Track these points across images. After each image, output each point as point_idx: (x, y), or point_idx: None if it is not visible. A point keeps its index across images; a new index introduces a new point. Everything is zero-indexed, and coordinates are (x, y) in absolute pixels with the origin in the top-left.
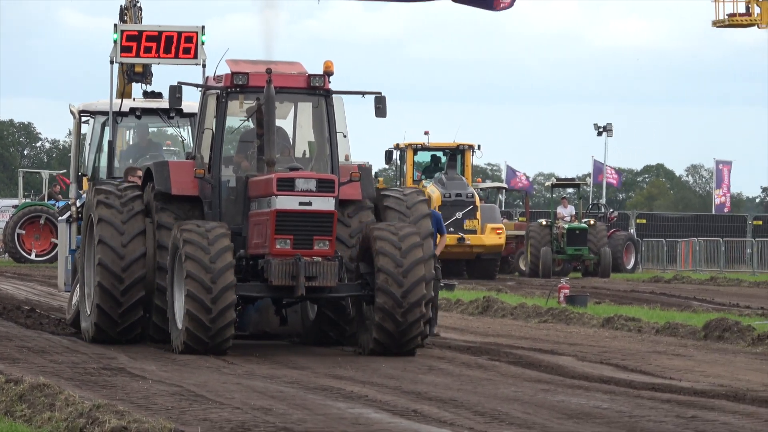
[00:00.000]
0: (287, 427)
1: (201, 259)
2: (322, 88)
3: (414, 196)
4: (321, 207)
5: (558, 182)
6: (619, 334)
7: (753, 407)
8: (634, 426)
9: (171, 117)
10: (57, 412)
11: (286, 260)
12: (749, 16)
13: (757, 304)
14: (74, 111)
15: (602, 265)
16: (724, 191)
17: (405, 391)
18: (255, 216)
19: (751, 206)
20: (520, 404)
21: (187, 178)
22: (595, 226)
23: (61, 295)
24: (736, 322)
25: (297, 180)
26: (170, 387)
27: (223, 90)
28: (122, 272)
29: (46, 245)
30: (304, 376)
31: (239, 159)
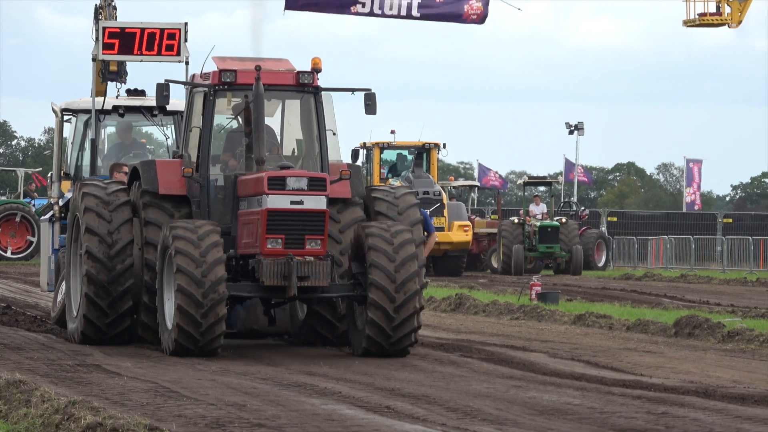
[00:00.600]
0: (261, 423)
1: (191, 254)
2: (311, 85)
3: (405, 197)
4: (313, 206)
5: (530, 180)
6: (590, 331)
7: (723, 404)
8: (605, 422)
9: (154, 115)
10: (33, 408)
11: (277, 260)
12: (720, 15)
13: (727, 302)
14: (56, 109)
15: (574, 263)
16: (695, 189)
17: (378, 388)
18: (245, 215)
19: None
20: (493, 400)
21: (174, 177)
22: (567, 223)
23: (36, 292)
24: (706, 319)
25: (288, 179)
26: (145, 383)
27: (210, 88)
28: (110, 284)
29: (21, 243)
30: (278, 373)
31: (227, 157)
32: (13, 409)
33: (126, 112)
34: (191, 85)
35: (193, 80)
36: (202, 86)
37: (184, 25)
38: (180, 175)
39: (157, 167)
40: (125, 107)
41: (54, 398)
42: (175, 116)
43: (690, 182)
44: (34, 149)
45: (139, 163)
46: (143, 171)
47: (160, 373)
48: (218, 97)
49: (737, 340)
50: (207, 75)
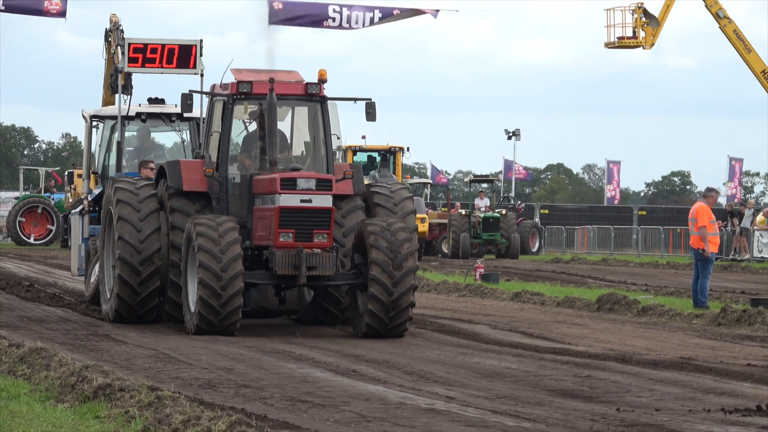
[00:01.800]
0: (246, 384)
1: (212, 250)
2: (318, 94)
3: (401, 193)
4: (320, 204)
5: (475, 178)
6: (525, 306)
7: (638, 368)
8: (539, 383)
9: (172, 121)
10: (52, 371)
11: (289, 252)
12: (636, 39)
13: (642, 282)
14: (86, 116)
15: (512, 248)
16: (614, 186)
17: (346, 354)
18: (259, 211)
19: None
20: (443, 365)
21: (196, 176)
22: (506, 215)
23: (55, 272)
24: (624, 296)
25: (299, 180)
26: (148, 350)
27: (229, 97)
28: (140, 265)
29: (42, 231)
30: (260, 342)
31: (243, 158)
32: (35, 372)
33: (147, 118)
34: (212, 94)
35: (213, 90)
36: (222, 95)
37: (200, 42)
38: (201, 174)
39: (181, 167)
40: (147, 114)
41: (70, 363)
42: (190, 122)
43: (610, 180)
44: (53, 151)
45: (165, 162)
46: (169, 170)
47: (161, 341)
48: (236, 105)
49: (650, 314)
50: (226, 86)
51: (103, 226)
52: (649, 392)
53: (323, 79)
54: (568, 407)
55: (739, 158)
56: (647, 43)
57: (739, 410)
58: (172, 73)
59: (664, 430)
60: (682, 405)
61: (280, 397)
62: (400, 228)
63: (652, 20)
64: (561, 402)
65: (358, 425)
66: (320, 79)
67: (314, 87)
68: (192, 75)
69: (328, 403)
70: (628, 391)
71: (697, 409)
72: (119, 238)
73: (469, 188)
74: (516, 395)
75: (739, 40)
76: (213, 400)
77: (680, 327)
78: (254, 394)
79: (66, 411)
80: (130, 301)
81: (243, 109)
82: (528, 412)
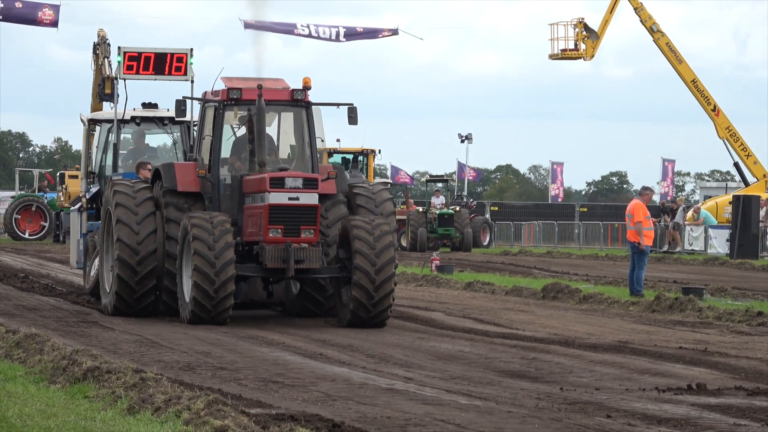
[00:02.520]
0: (223, 367)
1: (206, 239)
2: (303, 100)
3: (381, 194)
4: (307, 201)
5: (431, 178)
6: (477, 294)
7: (579, 351)
8: (489, 365)
9: (165, 124)
10: (45, 355)
11: (278, 246)
12: (577, 51)
13: (583, 272)
14: (84, 119)
15: (465, 242)
16: (558, 185)
17: (313, 339)
18: (249, 209)
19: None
20: (402, 349)
21: (190, 177)
22: (460, 212)
23: (48, 264)
24: (566, 285)
25: (287, 179)
26: (132, 336)
27: (220, 103)
28: (137, 265)
29: (36, 227)
30: (235, 328)
31: (233, 160)
32: (29, 356)
33: (141, 121)
34: (204, 100)
35: (205, 96)
36: (213, 101)
37: (190, 50)
38: (195, 176)
39: (175, 169)
40: (141, 117)
41: (62, 347)
42: (181, 125)
43: (554, 180)
44: (46, 154)
45: (160, 165)
46: (164, 172)
47: (144, 328)
48: (226, 111)
49: (590, 302)
50: (217, 92)
51: (102, 223)
52: (590, 373)
53: (308, 86)
54: (516, 387)
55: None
56: (588, 55)
57: (671, 389)
58: (164, 79)
59: (603, 407)
60: (619, 384)
61: (253, 379)
62: (382, 222)
63: (592, 34)
64: (509, 382)
65: (325, 404)
66: (305, 86)
67: (300, 93)
68: (183, 81)
69: (298, 384)
70: (570, 372)
71: (634, 388)
72: (118, 239)
73: (425, 187)
74: (468, 376)
75: (671, 52)
76: (192, 381)
77: (618, 313)
78: (230, 375)
79: (58, 391)
80: (128, 298)
81: (233, 114)
82: (479, 391)
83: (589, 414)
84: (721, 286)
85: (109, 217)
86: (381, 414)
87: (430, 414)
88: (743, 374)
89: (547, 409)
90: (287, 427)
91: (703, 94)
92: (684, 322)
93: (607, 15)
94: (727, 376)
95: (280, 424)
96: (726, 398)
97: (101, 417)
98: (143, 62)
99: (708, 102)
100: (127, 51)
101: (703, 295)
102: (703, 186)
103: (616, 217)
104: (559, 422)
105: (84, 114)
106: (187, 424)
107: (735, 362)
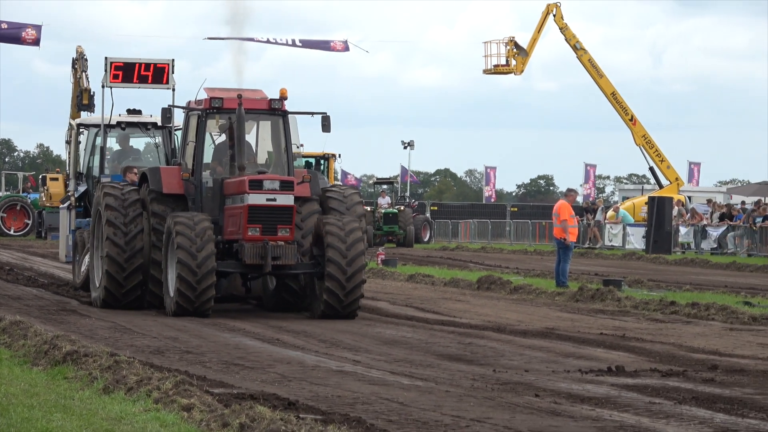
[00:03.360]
0: (189, 350)
1: (188, 234)
2: (280, 109)
3: (352, 197)
4: (283, 202)
5: (378, 181)
6: (418, 286)
7: (511, 336)
8: (429, 349)
9: (148, 129)
10: (29, 340)
11: (256, 244)
12: (509, 66)
13: (513, 266)
14: (73, 124)
15: (408, 238)
16: (491, 187)
17: (271, 326)
18: (230, 209)
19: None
20: (351, 335)
21: (174, 180)
22: (404, 211)
23: (32, 258)
24: (499, 277)
25: (264, 181)
26: (107, 323)
27: (203, 111)
28: (125, 263)
29: (21, 224)
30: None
31: (214, 165)
32: (14, 341)
33: (127, 126)
34: (188, 109)
35: (188, 105)
36: (197, 110)
37: (172, 61)
38: (178, 179)
39: (161, 173)
40: (126, 123)
41: (43, 333)
42: (163, 130)
43: (488, 182)
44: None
45: (147, 169)
46: (151, 175)
47: (118, 316)
48: (209, 118)
49: (520, 292)
50: (200, 101)
51: (92, 223)
52: (520, 356)
53: (284, 97)
54: (453, 369)
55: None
56: (518, 70)
57: (593, 371)
58: (148, 87)
59: (532, 387)
60: (546, 367)
61: (216, 361)
62: (351, 220)
63: (522, 51)
64: (447, 364)
65: (281, 384)
66: (281, 96)
67: (277, 102)
68: (165, 90)
69: (257, 366)
70: (502, 355)
71: (559, 370)
72: (107, 238)
73: (373, 189)
74: (410, 359)
75: (593, 68)
76: (161, 364)
77: (545, 303)
78: (195, 358)
79: (40, 373)
80: (116, 293)
81: (215, 122)
82: (420, 372)
83: (519, 393)
84: (638, 279)
85: (99, 217)
86: (332, 393)
87: (376, 393)
88: (657, 357)
89: (482, 389)
90: (247, 405)
91: (621, 105)
92: (604, 310)
93: (535, 34)
94: (643, 359)
95: (241, 402)
96: (642, 379)
97: (79, 396)
98: (127, 71)
99: (626, 112)
100: (113, 61)
101: (622, 287)
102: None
103: (543, 216)
104: (492, 401)
105: (73, 120)
106: (156, 403)
107: (650, 347)
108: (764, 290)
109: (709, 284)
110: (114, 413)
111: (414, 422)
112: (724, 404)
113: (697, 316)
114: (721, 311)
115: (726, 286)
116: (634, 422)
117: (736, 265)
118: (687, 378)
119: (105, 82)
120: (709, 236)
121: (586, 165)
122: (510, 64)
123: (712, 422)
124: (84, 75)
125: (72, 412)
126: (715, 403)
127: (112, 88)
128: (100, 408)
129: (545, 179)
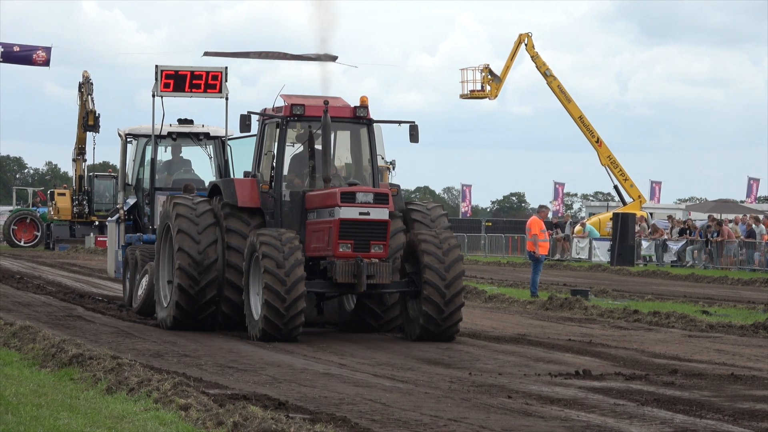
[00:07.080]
0: (186, 354)
1: (276, 257)
2: (365, 117)
3: (436, 209)
4: (377, 216)
5: None
6: None
7: (485, 342)
8: (410, 354)
9: (200, 139)
10: (37, 344)
11: (348, 261)
12: (483, 91)
13: (488, 276)
14: (122, 134)
15: None
16: (467, 203)
17: None
18: (314, 224)
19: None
20: (337, 340)
21: (249, 193)
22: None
23: (40, 267)
24: (474, 287)
25: (358, 193)
26: (110, 328)
27: (283, 119)
28: (199, 275)
29: (30, 236)
30: None
31: (292, 177)
32: (24, 345)
33: (177, 136)
34: (267, 116)
35: (265, 112)
36: (276, 117)
37: (225, 69)
38: (254, 191)
39: (235, 185)
40: (177, 133)
41: (51, 337)
42: (215, 140)
43: (464, 199)
44: (39, 175)
45: (219, 181)
46: (224, 187)
47: (120, 322)
48: (289, 127)
49: (495, 301)
50: (279, 108)
51: (159, 238)
52: (494, 360)
53: (365, 105)
54: (432, 372)
55: (561, 182)
56: (492, 95)
57: (562, 374)
58: (200, 97)
59: (505, 389)
60: (519, 370)
61: (212, 364)
62: (449, 236)
63: (496, 78)
64: (427, 368)
65: (272, 385)
66: (362, 104)
67: (362, 110)
68: (218, 98)
69: (249, 369)
70: (477, 359)
71: (531, 373)
72: (179, 249)
73: None
74: (393, 363)
75: (561, 93)
76: (161, 366)
77: (517, 311)
78: (192, 361)
79: (48, 374)
80: (189, 309)
81: (296, 130)
82: (401, 375)
83: (494, 395)
84: (604, 289)
85: (167, 230)
86: (319, 394)
87: (360, 394)
88: (622, 362)
89: (459, 390)
90: (240, 405)
91: (588, 128)
92: (572, 318)
93: (508, 62)
94: (609, 363)
95: (235, 402)
96: (607, 382)
97: (84, 396)
98: (179, 81)
99: (592, 134)
100: (164, 69)
101: (588, 296)
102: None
103: (516, 230)
104: (468, 402)
105: (122, 128)
106: (156, 402)
107: (615, 352)
108: (720, 300)
109: (670, 294)
110: (117, 412)
111: (395, 421)
112: (683, 406)
113: (658, 324)
114: (680, 319)
115: (685, 296)
116: (600, 422)
117: (695, 276)
118: (649, 381)
119: (156, 91)
120: (670, 250)
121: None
122: (485, 90)
123: (673, 422)
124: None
125: (78, 411)
126: (675, 404)
127: (162, 97)
128: (104, 407)
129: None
